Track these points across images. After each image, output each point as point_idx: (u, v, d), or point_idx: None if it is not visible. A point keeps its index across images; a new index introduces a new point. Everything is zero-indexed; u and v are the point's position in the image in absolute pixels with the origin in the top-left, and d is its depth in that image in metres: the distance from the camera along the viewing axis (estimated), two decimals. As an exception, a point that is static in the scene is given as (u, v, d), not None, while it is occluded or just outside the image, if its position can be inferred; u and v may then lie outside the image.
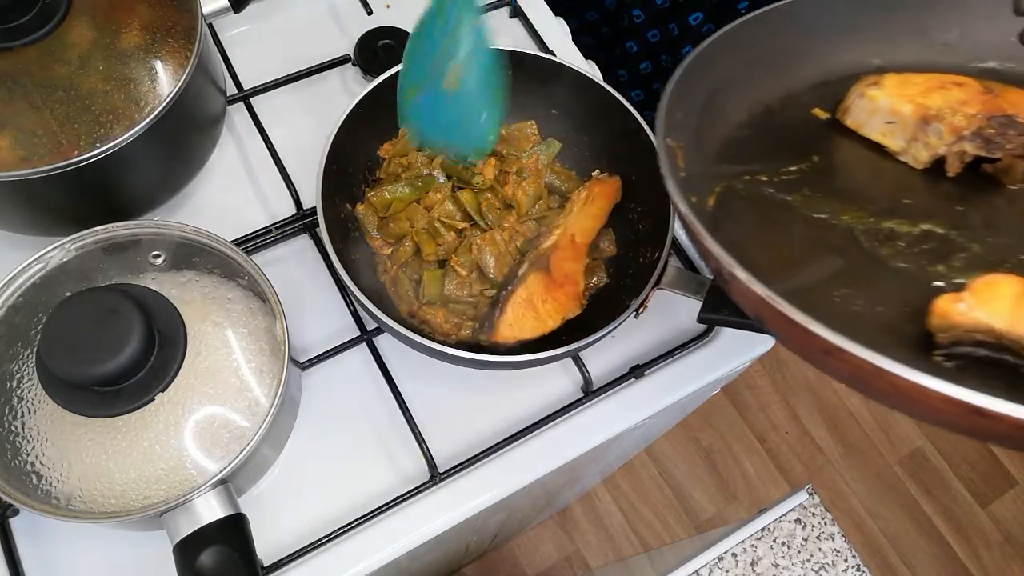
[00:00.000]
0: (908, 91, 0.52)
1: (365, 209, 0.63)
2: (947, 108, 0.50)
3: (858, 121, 0.55)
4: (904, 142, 0.53)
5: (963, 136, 0.50)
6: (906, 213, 0.50)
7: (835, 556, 0.70)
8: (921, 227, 0.49)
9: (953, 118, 0.50)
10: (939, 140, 0.51)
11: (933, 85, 0.52)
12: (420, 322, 0.60)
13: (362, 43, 0.74)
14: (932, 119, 0.51)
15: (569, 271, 0.59)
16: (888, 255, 0.48)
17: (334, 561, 0.55)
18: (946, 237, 0.48)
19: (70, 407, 0.46)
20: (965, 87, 0.51)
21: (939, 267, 0.46)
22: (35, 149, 0.53)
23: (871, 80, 0.54)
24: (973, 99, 0.50)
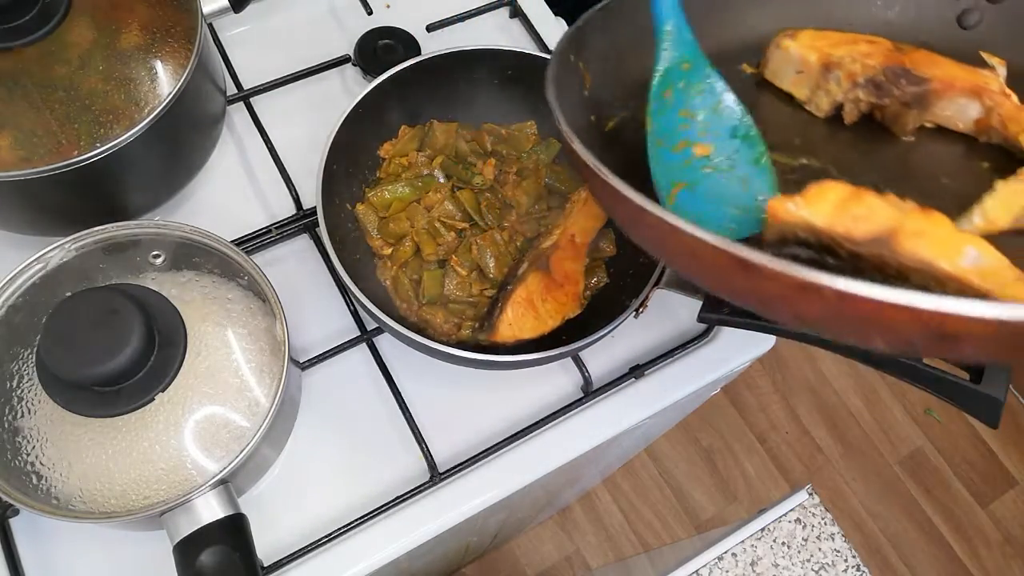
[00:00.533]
0: (819, 43, 0.54)
1: (365, 209, 0.63)
2: (848, 57, 0.52)
3: (773, 71, 0.56)
4: (809, 90, 0.54)
5: (857, 83, 0.51)
6: (792, 149, 0.51)
7: (835, 556, 0.70)
8: (800, 161, 0.51)
9: (852, 66, 0.51)
10: (837, 87, 0.52)
11: (846, 39, 0.53)
12: (420, 322, 0.60)
13: (362, 43, 0.74)
14: (833, 66, 0.52)
15: (569, 271, 0.59)
16: None
17: (334, 561, 0.55)
18: (820, 171, 0.50)
19: (70, 407, 0.46)
20: (876, 44, 0.53)
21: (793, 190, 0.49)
22: (35, 149, 0.53)
23: (789, 32, 0.55)
24: (878, 53, 0.52)
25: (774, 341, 0.67)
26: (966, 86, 0.50)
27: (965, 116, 0.51)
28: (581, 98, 0.50)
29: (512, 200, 0.64)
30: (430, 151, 0.65)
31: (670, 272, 0.58)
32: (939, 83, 0.50)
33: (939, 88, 0.50)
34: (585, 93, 0.51)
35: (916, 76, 0.51)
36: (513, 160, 0.66)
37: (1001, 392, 0.45)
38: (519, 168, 0.65)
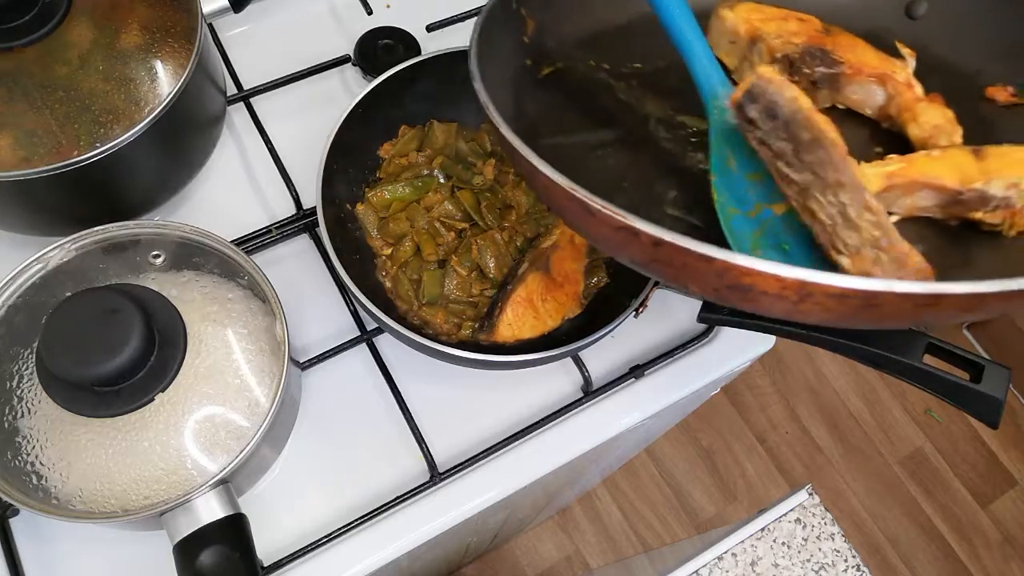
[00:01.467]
0: (753, 16, 0.55)
1: (365, 209, 0.63)
2: (775, 33, 0.53)
3: (713, 40, 0.57)
4: (737, 60, 0.56)
5: (775, 58, 0.53)
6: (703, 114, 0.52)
7: (835, 556, 0.70)
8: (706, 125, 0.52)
9: (773, 41, 0.53)
10: (758, 60, 0.54)
11: (779, 15, 0.55)
12: (420, 322, 0.60)
13: (362, 43, 0.74)
14: (757, 40, 0.54)
15: (569, 271, 0.60)
16: (663, 138, 0.53)
17: (334, 561, 0.55)
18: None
19: (70, 407, 0.46)
20: (806, 23, 0.54)
21: (699, 154, 0.51)
22: (35, 149, 0.53)
23: (729, 3, 0.57)
24: (804, 32, 0.54)
25: (774, 341, 0.67)
26: (874, 72, 0.52)
27: (872, 101, 0.53)
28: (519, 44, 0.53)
29: (512, 200, 0.64)
30: (430, 151, 0.65)
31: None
32: (850, 67, 0.52)
33: (849, 72, 0.52)
34: (524, 40, 0.53)
35: (831, 59, 0.52)
36: None
37: (1001, 392, 0.45)
38: None
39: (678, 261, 0.35)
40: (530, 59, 0.54)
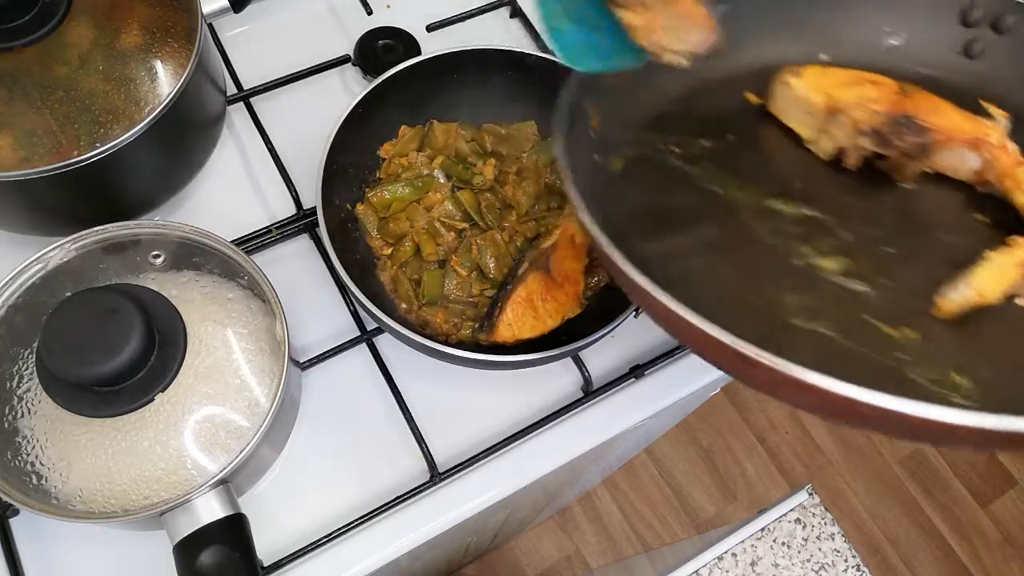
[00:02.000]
0: (825, 83, 0.54)
1: (365, 209, 0.63)
2: (854, 103, 0.52)
3: (779, 108, 0.56)
4: (814, 131, 0.55)
5: (862, 131, 0.52)
6: (795, 196, 0.52)
7: (835, 556, 0.70)
8: (803, 210, 0.51)
9: (856, 113, 0.52)
10: (841, 132, 0.53)
11: (850, 80, 0.54)
12: (420, 322, 0.60)
13: (362, 43, 0.74)
14: (838, 111, 0.53)
15: (569, 271, 0.59)
16: (762, 231, 0.50)
17: (334, 561, 0.55)
18: (823, 223, 0.50)
19: (70, 407, 0.46)
20: (880, 86, 0.53)
21: (804, 247, 0.49)
22: (35, 149, 0.53)
23: (794, 69, 0.55)
24: (884, 98, 0.52)
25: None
26: (966, 138, 0.50)
27: (965, 166, 0.52)
28: (589, 140, 0.50)
29: (512, 200, 0.64)
30: (430, 151, 0.65)
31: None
32: (941, 134, 0.50)
33: (941, 139, 0.51)
34: (592, 134, 0.51)
35: (919, 126, 0.51)
36: (513, 160, 0.66)
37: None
38: (519, 168, 0.65)
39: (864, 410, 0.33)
40: (599, 154, 0.52)
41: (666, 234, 0.50)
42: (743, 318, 0.44)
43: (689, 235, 0.50)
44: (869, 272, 0.47)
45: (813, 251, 0.48)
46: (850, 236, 0.49)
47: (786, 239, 0.49)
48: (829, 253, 0.48)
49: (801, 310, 0.45)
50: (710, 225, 0.50)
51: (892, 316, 0.45)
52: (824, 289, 0.46)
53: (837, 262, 0.48)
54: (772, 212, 0.51)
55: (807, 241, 0.49)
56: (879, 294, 0.46)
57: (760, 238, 0.49)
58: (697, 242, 0.49)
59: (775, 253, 0.49)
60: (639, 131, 0.55)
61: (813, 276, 0.47)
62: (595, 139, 0.51)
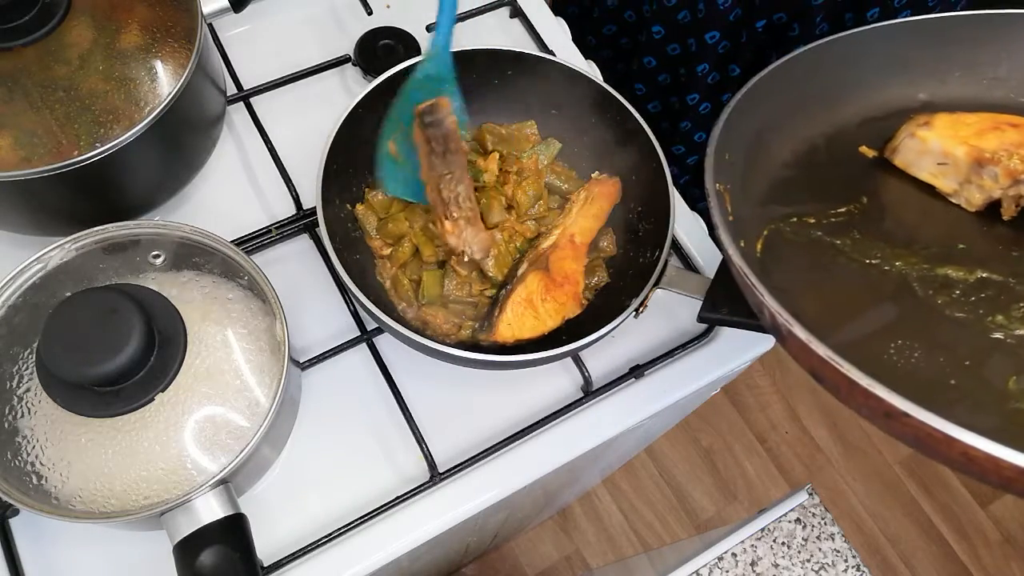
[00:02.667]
0: (961, 132, 0.51)
1: (365, 210, 0.63)
2: (1003, 150, 0.49)
3: (907, 161, 0.54)
4: (957, 184, 0.52)
5: (1020, 179, 0.49)
6: (961, 259, 0.48)
7: (835, 556, 0.70)
8: (978, 274, 0.48)
9: (1010, 161, 0.49)
10: (994, 183, 0.50)
11: (987, 126, 0.51)
12: (420, 322, 0.60)
13: (362, 43, 0.74)
14: (987, 162, 0.50)
15: (569, 271, 0.59)
16: (944, 304, 0.46)
17: (334, 561, 0.55)
18: (1004, 285, 0.47)
19: (70, 407, 0.46)
20: (1021, 128, 0.50)
21: (998, 317, 0.45)
22: (35, 149, 0.53)
23: (922, 120, 0.53)
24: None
25: (774, 341, 0.67)
26: None
27: None
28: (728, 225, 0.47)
29: (512, 200, 0.64)
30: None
31: (670, 271, 0.58)
32: None
33: None
34: (730, 218, 0.48)
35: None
36: (513, 160, 0.66)
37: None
38: (519, 168, 0.65)
39: None
40: (742, 239, 0.48)
41: (842, 321, 0.46)
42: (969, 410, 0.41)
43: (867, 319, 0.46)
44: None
45: (1009, 320, 0.45)
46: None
47: (974, 309, 0.46)
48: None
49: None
50: (886, 303, 0.47)
51: None
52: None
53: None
54: (947, 281, 0.47)
55: (996, 309, 0.45)
56: None
57: (945, 312, 0.46)
58: (880, 326, 0.46)
59: (969, 327, 0.45)
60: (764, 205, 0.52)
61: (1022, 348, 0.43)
62: (733, 223, 0.47)
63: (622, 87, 0.64)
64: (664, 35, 0.98)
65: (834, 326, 0.45)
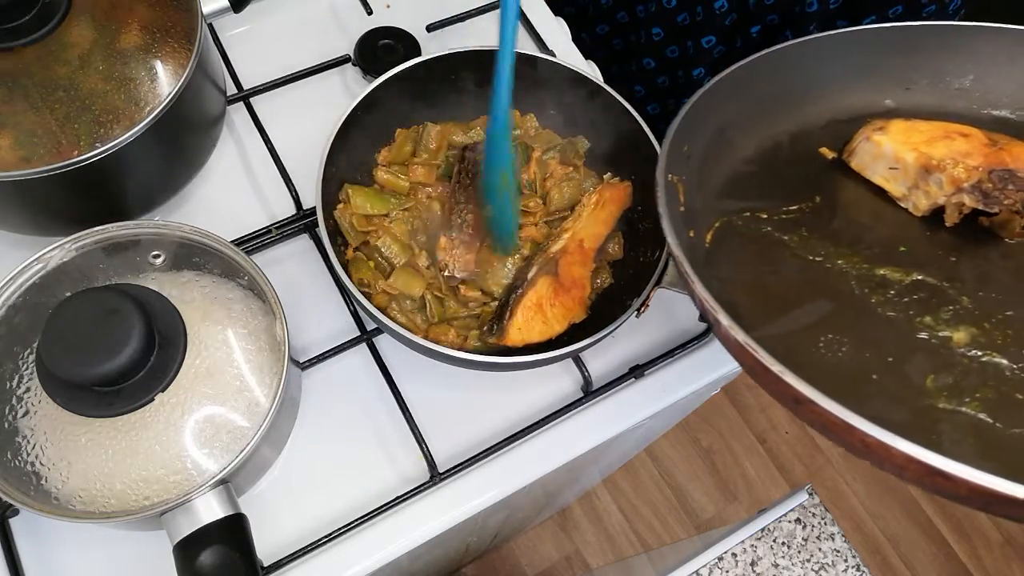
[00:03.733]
0: (913, 139, 0.52)
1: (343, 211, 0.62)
2: (949, 159, 0.50)
3: (862, 164, 0.55)
4: (905, 188, 0.53)
5: (962, 188, 0.50)
6: (900, 261, 0.50)
7: (835, 556, 0.70)
8: (914, 276, 0.49)
9: (954, 170, 0.50)
10: (939, 190, 0.51)
11: (938, 134, 0.52)
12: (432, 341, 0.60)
13: (362, 43, 0.74)
14: (934, 169, 0.51)
15: (577, 276, 0.59)
16: (877, 303, 0.48)
17: (334, 561, 0.55)
18: (937, 288, 0.48)
19: (70, 407, 0.46)
20: (970, 138, 0.51)
21: (926, 318, 0.47)
22: (35, 149, 0.53)
23: (878, 125, 0.54)
24: (977, 151, 0.51)
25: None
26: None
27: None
28: (679, 215, 0.49)
29: (549, 199, 0.64)
30: (426, 156, 0.65)
31: (671, 271, 0.58)
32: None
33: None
34: (681, 209, 0.50)
35: (1021, 179, 0.49)
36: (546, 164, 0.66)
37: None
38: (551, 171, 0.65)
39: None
40: (692, 229, 0.50)
41: (778, 313, 0.48)
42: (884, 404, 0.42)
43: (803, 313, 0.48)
44: (1000, 341, 0.45)
45: (936, 322, 0.46)
46: (969, 302, 0.47)
47: (905, 310, 0.47)
48: (953, 322, 0.46)
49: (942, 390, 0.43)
50: (822, 300, 0.48)
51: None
52: (959, 364, 0.44)
53: (965, 332, 0.46)
54: (884, 281, 0.49)
55: (927, 311, 0.47)
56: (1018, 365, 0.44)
57: (878, 311, 0.47)
58: (813, 320, 0.47)
59: (898, 326, 0.46)
60: (720, 199, 0.53)
61: (944, 350, 0.45)
62: (684, 213, 0.50)
63: (620, 88, 0.64)
64: (663, 37, 0.98)
65: (769, 317, 0.47)
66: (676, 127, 0.50)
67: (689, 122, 0.51)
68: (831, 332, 0.46)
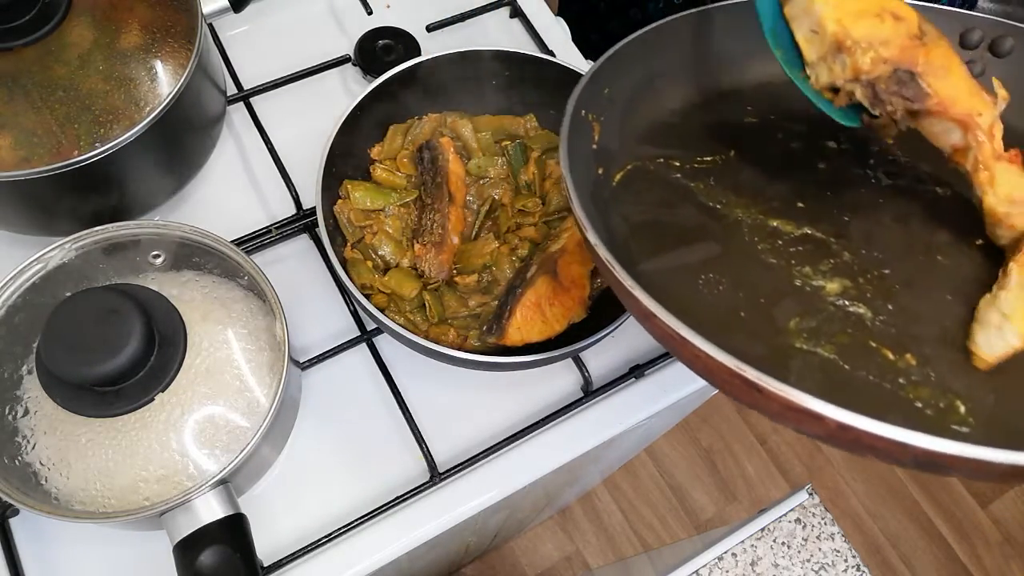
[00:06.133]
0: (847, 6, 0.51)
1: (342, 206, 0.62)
2: (864, 42, 0.49)
3: (793, 13, 0.53)
4: (816, 57, 0.53)
5: (859, 79, 0.50)
6: (796, 215, 0.51)
7: (835, 556, 0.70)
8: (804, 230, 0.51)
9: (861, 57, 0.49)
10: (840, 72, 0.51)
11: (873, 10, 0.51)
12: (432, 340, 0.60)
13: (362, 43, 0.74)
14: (844, 49, 0.50)
15: (576, 275, 0.59)
16: (763, 250, 0.50)
17: (334, 561, 0.55)
18: (823, 243, 0.50)
19: (70, 407, 0.46)
20: (900, 24, 0.50)
21: (806, 268, 0.48)
22: (35, 149, 0.53)
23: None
24: (897, 41, 0.49)
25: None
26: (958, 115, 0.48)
27: (948, 139, 0.50)
28: (590, 152, 0.51)
29: (547, 198, 0.64)
30: (413, 148, 0.65)
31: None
32: (936, 104, 0.49)
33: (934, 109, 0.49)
34: (594, 147, 0.51)
35: (919, 89, 0.49)
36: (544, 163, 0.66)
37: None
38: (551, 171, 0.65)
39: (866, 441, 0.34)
40: (601, 167, 0.52)
41: (667, 250, 0.50)
42: (745, 339, 0.44)
43: (690, 252, 0.50)
44: (869, 295, 0.47)
45: (815, 272, 0.48)
46: (851, 257, 0.49)
47: (787, 259, 0.49)
48: (830, 274, 0.48)
49: (802, 332, 0.45)
50: (711, 243, 0.50)
51: (893, 341, 0.45)
52: (825, 311, 0.46)
53: (838, 283, 0.48)
54: (774, 231, 0.51)
55: (808, 262, 0.49)
56: (879, 317, 0.46)
57: (761, 257, 0.49)
58: (698, 259, 0.49)
59: (777, 273, 0.48)
60: (639, 144, 0.55)
61: (815, 298, 0.47)
62: (596, 151, 0.51)
63: None
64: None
65: (657, 253, 0.49)
66: (598, 67, 0.51)
67: (615, 64, 0.52)
68: (713, 272, 0.48)
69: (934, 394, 0.43)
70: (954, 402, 0.42)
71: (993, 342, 0.44)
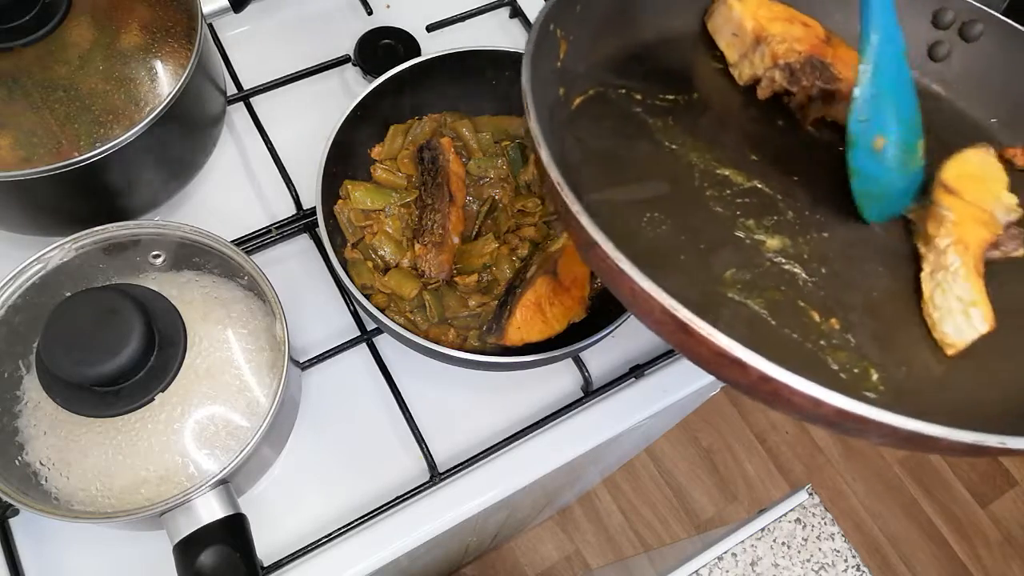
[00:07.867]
0: (761, 12, 0.55)
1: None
2: (779, 36, 0.53)
3: (715, 26, 0.57)
4: (738, 56, 0.55)
5: (777, 64, 0.53)
6: (748, 167, 0.52)
7: (835, 556, 0.70)
8: (753, 183, 0.51)
9: (778, 46, 0.53)
10: (761, 62, 0.54)
11: (785, 15, 0.55)
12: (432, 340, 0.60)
13: (362, 43, 0.74)
14: (763, 40, 0.53)
15: (576, 275, 0.59)
16: (711, 197, 0.50)
17: (334, 561, 0.55)
18: (770, 199, 0.51)
19: (70, 407, 0.46)
20: (810, 29, 0.54)
21: (749, 221, 0.49)
22: (35, 149, 0.53)
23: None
24: (807, 39, 0.53)
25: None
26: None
27: None
28: (553, 69, 0.50)
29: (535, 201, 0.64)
30: (413, 148, 0.65)
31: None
32: (847, 87, 0.51)
33: (845, 91, 0.52)
34: (558, 64, 0.50)
35: (830, 74, 0.52)
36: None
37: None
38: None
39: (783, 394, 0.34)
40: (563, 87, 0.51)
41: (617, 183, 0.49)
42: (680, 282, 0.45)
43: (639, 188, 0.50)
44: (806, 256, 0.48)
45: (757, 226, 0.49)
46: (794, 216, 0.50)
47: (733, 210, 0.49)
48: (771, 230, 0.49)
49: (737, 283, 0.46)
50: (661, 182, 0.50)
51: (821, 303, 0.46)
52: (762, 266, 0.47)
53: (778, 240, 0.48)
54: (725, 180, 0.51)
55: (752, 215, 0.49)
56: (812, 279, 0.47)
57: (708, 204, 0.49)
58: (646, 197, 0.49)
59: (721, 222, 0.49)
60: (605, 70, 0.54)
61: (753, 251, 0.48)
62: (560, 69, 0.50)
63: None
64: None
65: (608, 184, 0.49)
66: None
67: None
68: (658, 211, 0.48)
69: (851, 359, 0.44)
70: (868, 369, 0.43)
71: (963, 329, 0.45)
